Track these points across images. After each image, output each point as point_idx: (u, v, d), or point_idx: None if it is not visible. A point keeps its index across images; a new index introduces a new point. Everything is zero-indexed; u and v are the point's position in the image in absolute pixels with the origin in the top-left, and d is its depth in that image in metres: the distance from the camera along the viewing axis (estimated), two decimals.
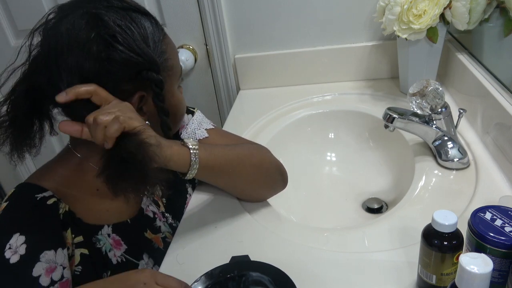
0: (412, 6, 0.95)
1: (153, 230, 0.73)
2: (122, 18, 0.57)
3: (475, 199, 0.72)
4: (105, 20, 0.55)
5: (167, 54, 0.62)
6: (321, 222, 0.83)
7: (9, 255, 0.54)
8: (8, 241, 0.54)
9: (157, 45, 0.60)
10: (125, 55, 0.56)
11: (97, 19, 0.55)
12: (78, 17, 0.55)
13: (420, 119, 0.82)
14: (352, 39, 1.20)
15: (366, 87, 1.19)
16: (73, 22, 0.55)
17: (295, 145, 1.06)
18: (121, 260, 0.66)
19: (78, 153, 0.65)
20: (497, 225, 0.50)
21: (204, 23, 1.23)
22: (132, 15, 0.58)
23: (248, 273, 0.56)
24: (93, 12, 0.56)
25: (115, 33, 0.55)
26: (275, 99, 1.20)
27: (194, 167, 0.62)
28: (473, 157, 0.83)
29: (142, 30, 0.58)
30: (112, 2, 0.58)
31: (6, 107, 0.59)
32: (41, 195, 0.59)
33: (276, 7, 1.18)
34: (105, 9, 0.57)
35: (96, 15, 0.55)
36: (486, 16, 0.94)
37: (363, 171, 1.02)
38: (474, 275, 0.41)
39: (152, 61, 0.58)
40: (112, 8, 0.57)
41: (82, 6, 0.57)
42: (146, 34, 0.59)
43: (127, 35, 0.56)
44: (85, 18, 0.55)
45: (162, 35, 0.62)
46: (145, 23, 0.59)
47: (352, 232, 0.72)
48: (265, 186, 0.77)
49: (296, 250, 0.68)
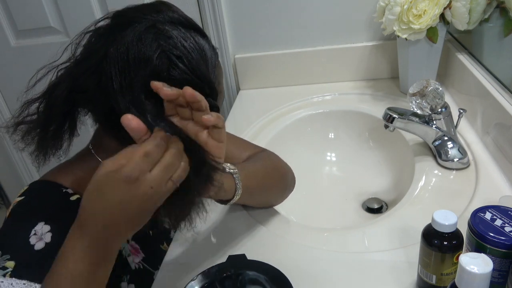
0: (412, 6, 0.95)
1: (168, 241, 0.74)
2: (186, 39, 0.54)
3: (475, 199, 0.72)
4: (173, 38, 0.53)
5: (218, 79, 0.60)
6: (321, 222, 0.83)
7: (34, 241, 0.53)
8: (34, 227, 0.53)
9: (213, 70, 0.58)
10: (188, 77, 0.53)
11: (164, 36, 0.53)
12: (145, 30, 0.53)
13: (420, 119, 0.82)
14: (352, 39, 1.20)
15: (366, 87, 1.19)
16: (139, 34, 0.52)
17: (295, 145, 1.06)
18: (139, 267, 0.66)
19: (99, 156, 0.61)
20: (497, 225, 0.50)
21: (204, 23, 1.23)
22: (195, 37, 0.56)
23: (245, 272, 0.56)
24: (160, 28, 0.53)
25: (181, 54, 0.53)
26: (275, 99, 1.20)
27: (238, 193, 0.61)
28: (473, 157, 0.83)
29: (203, 54, 0.56)
30: (174, 17, 0.55)
31: (38, 105, 0.57)
32: (65, 190, 0.58)
33: (276, 7, 1.18)
34: (169, 25, 0.54)
35: (164, 31, 0.53)
36: (486, 16, 0.94)
37: (363, 171, 1.02)
38: (474, 275, 0.41)
39: (212, 87, 0.56)
40: (175, 25, 0.55)
41: (144, 17, 0.54)
42: (206, 58, 0.56)
43: (192, 58, 0.54)
44: (151, 32, 0.53)
45: (216, 59, 0.60)
46: (205, 45, 0.57)
47: (352, 232, 0.72)
48: (285, 192, 0.78)
49: (296, 250, 0.67)
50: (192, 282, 0.56)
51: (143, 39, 0.52)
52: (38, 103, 0.57)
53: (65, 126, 0.59)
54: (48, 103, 0.56)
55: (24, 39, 1.36)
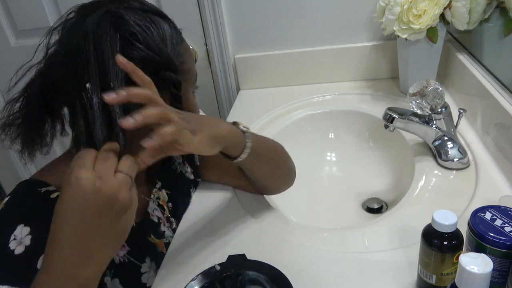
0: (412, 6, 0.95)
1: (157, 235, 0.73)
2: (142, 19, 0.58)
3: (475, 199, 0.72)
4: (126, 19, 0.56)
5: (184, 57, 0.63)
6: (321, 222, 0.82)
7: (13, 246, 0.53)
8: (13, 232, 0.54)
9: (175, 47, 0.61)
10: (144, 53, 0.56)
11: (118, 18, 0.56)
12: (101, 16, 0.56)
13: (420, 119, 0.82)
14: (352, 39, 1.20)
15: (366, 87, 1.19)
16: (97, 21, 0.55)
17: (295, 145, 1.06)
18: (123, 260, 0.66)
19: None
20: (497, 225, 0.50)
21: (204, 23, 1.23)
22: (152, 17, 0.59)
23: (245, 272, 0.56)
24: (115, 11, 0.56)
25: (136, 32, 0.56)
26: (275, 99, 1.20)
27: (246, 151, 0.64)
28: (473, 157, 0.83)
29: (161, 32, 0.59)
30: (132, 4, 0.59)
31: (20, 104, 0.59)
32: (44, 189, 0.58)
33: (276, 7, 1.18)
34: (125, 9, 0.57)
35: (118, 14, 0.56)
36: (486, 16, 0.94)
37: (363, 171, 1.02)
38: (474, 275, 0.41)
39: (170, 61, 0.59)
40: (132, 9, 0.58)
41: (103, 6, 0.57)
42: (165, 35, 0.59)
43: (146, 35, 0.57)
44: (107, 17, 0.56)
45: (180, 39, 0.63)
46: (164, 25, 0.60)
47: (352, 232, 0.72)
48: (287, 178, 0.80)
49: (296, 250, 0.67)
50: (192, 282, 0.56)
51: (100, 25, 0.55)
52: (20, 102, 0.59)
53: (47, 124, 0.61)
54: (25, 101, 0.59)
55: (24, 39, 1.36)
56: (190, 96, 0.67)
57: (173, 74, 0.59)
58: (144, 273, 0.68)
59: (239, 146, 0.64)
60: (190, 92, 0.67)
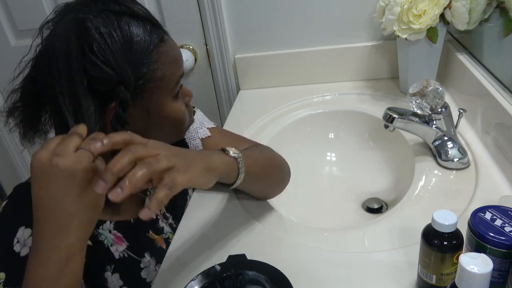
0: (412, 6, 0.95)
1: (156, 231, 0.73)
2: (108, 25, 0.55)
3: (475, 199, 0.72)
4: (88, 27, 0.54)
5: (158, 64, 0.59)
6: (321, 222, 0.82)
7: (18, 248, 0.54)
8: (15, 235, 0.55)
9: (142, 55, 0.57)
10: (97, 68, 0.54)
11: (81, 26, 0.54)
12: (69, 22, 0.55)
13: (420, 119, 0.82)
14: (352, 39, 1.20)
15: (366, 87, 1.19)
16: (65, 27, 0.55)
17: (295, 145, 1.06)
18: (123, 255, 0.66)
19: None
20: (497, 225, 0.50)
21: (204, 23, 1.23)
22: (123, 20, 0.56)
23: (245, 272, 0.56)
24: (80, 17, 0.55)
25: (93, 42, 0.54)
26: (275, 99, 1.20)
27: (240, 177, 0.63)
28: (473, 157, 0.83)
29: (127, 39, 0.56)
30: (109, 6, 0.57)
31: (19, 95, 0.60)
32: None
33: (276, 7, 1.18)
34: (96, 13, 0.55)
35: (82, 21, 0.54)
36: (486, 16, 0.94)
37: (363, 171, 1.02)
38: (474, 275, 0.41)
39: (124, 75, 0.55)
40: (104, 12, 0.56)
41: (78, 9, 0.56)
42: (131, 43, 0.56)
43: (105, 44, 0.54)
44: (73, 24, 0.55)
45: (155, 44, 0.59)
46: (136, 30, 0.57)
47: (352, 232, 0.72)
48: (282, 184, 0.79)
49: (296, 250, 0.68)
50: (192, 282, 0.56)
51: (66, 31, 0.55)
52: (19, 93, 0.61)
53: (44, 117, 0.62)
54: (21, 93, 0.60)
55: (24, 39, 1.36)
56: (167, 103, 0.63)
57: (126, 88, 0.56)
58: (143, 268, 0.68)
59: (233, 174, 0.63)
60: (168, 99, 0.63)
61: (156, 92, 0.60)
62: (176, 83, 0.63)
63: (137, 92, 0.58)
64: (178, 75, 0.63)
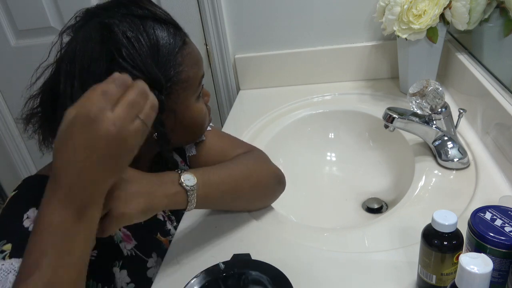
0: (412, 6, 0.95)
1: (163, 233, 0.74)
2: (134, 29, 0.55)
3: (475, 199, 0.72)
4: (115, 32, 0.54)
5: (182, 66, 0.60)
6: (321, 222, 0.82)
7: (27, 224, 0.54)
8: (26, 211, 0.54)
9: (169, 58, 0.58)
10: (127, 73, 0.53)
11: (107, 31, 0.54)
12: (93, 28, 0.55)
13: (420, 119, 0.82)
14: (352, 39, 1.20)
15: (366, 87, 1.19)
16: (89, 33, 0.55)
17: (295, 145, 1.06)
18: (131, 253, 0.66)
19: None
20: (497, 225, 0.50)
21: (204, 23, 1.23)
22: (148, 24, 0.57)
23: (248, 271, 0.56)
24: (106, 22, 0.55)
25: (121, 47, 0.54)
26: (275, 99, 1.20)
27: (190, 207, 0.61)
28: (473, 157, 0.83)
29: (153, 42, 0.57)
30: (132, 10, 0.57)
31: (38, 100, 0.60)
32: None
33: (276, 7, 1.18)
34: (120, 17, 0.55)
35: (108, 26, 0.54)
36: (486, 16, 0.94)
37: (363, 171, 1.02)
38: (474, 275, 0.41)
39: (156, 79, 0.56)
40: (128, 17, 0.56)
41: (100, 14, 0.56)
42: (157, 46, 0.57)
43: (133, 49, 0.55)
44: (99, 29, 0.55)
45: (179, 46, 0.60)
46: (161, 33, 0.58)
47: (352, 232, 0.72)
48: (265, 199, 0.76)
49: (296, 250, 0.67)
50: (196, 279, 0.56)
51: (92, 37, 0.54)
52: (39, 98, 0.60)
53: None
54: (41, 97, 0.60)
55: (24, 39, 1.36)
56: (191, 104, 0.64)
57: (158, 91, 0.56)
58: (150, 268, 0.69)
59: (181, 205, 0.60)
60: (191, 100, 0.64)
61: (181, 93, 0.61)
62: (199, 84, 0.64)
63: (165, 95, 0.58)
64: (200, 76, 0.64)
